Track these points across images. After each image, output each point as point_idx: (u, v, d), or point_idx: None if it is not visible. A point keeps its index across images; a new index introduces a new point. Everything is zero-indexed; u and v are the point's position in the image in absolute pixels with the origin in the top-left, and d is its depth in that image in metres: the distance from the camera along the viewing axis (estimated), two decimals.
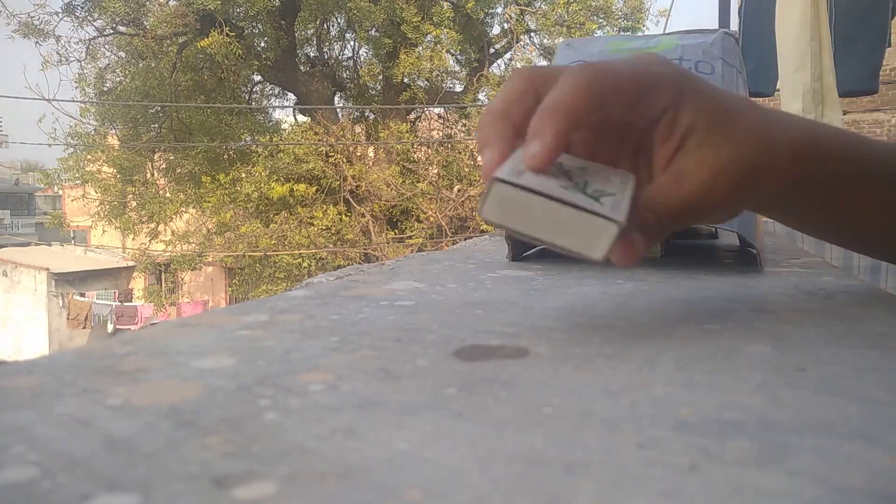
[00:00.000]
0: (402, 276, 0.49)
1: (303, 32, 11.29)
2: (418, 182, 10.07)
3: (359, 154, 10.49)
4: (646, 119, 0.35)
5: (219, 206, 9.98)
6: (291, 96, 11.68)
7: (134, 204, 10.80)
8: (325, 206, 10.00)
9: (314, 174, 9.97)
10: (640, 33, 9.55)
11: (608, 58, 0.65)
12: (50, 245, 17.30)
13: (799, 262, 0.68)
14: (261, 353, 0.28)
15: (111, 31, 10.98)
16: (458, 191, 10.14)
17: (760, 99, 2.45)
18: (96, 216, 11.16)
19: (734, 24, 2.73)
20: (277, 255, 9.81)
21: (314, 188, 9.99)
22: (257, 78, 11.31)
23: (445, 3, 10.25)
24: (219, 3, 9.19)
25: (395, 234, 10.41)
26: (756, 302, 0.44)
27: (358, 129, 11.21)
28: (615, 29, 10.48)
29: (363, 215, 10.18)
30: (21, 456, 0.18)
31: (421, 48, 10.18)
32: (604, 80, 0.33)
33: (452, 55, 10.96)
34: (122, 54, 11.14)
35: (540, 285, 0.50)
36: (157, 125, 10.74)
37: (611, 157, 0.38)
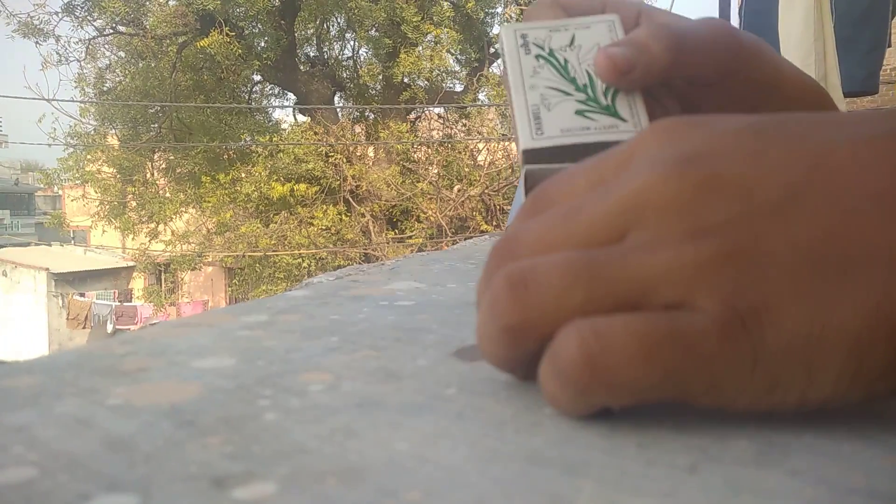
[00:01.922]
0: (402, 276, 0.49)
1: (303, 32, 11.30)
2: (418, 182, 10.08)
3: (359, 154, 10.49)
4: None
5: (219, 206, 9.98)
6: (291, 96, 11.70)
7: (134, 204, 10.82)
8: (325, 206, 10.01)
9: (314, 174, 9.98)
10: None
11: None
12: (50, 245, 17.30)
13: None
14: (261, 353, 0.28)
15: (111, 31, 11.00)
16: (458, 191, 10.15)
17: None
18: (96, 216, 11.17)
19: (735, 24, 2.72)
20: (277, 255, 9.82)
21: (314, 188, 10.00)
22: (257, 78, 11.32)
23: (445, 3, 10.25)
24: (218, 2, 9.20)
25: (395, 234, 10.41)
26: None
27: (358, 128, 11.22)
28: None
29: (363, 215, 10.19)
30: (20, 456, 0.18)
31: (421, 48, 10.19)
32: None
33: (452, 55, 10.97)
34: (122, 54, 11.16)
35: None
36: (156, 125, 10.76)
37: None
